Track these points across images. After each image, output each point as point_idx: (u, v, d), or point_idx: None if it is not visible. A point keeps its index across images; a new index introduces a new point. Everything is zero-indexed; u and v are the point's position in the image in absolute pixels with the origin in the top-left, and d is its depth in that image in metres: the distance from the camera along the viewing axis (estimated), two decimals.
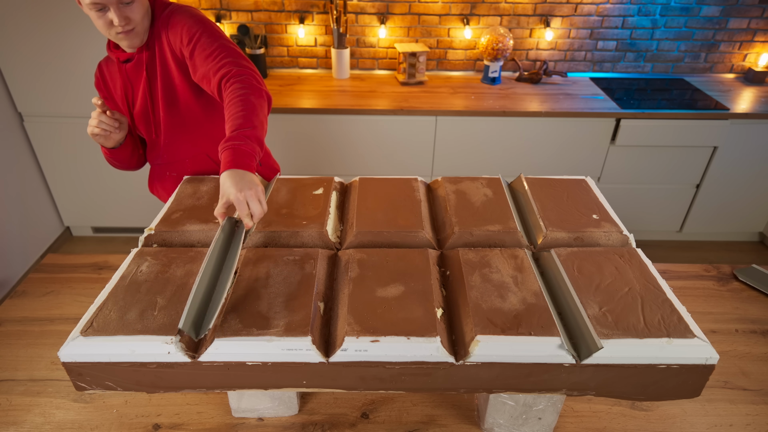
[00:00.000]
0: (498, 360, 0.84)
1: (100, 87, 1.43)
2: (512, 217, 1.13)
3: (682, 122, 2.45)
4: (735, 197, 2.72)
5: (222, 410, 1.07)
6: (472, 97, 2.59)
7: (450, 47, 2.84)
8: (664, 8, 2.72)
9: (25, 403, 1.08)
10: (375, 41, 2.81)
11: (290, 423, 1.05)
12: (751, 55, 2.87)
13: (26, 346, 1.21)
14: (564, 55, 2.87)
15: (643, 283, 0.96)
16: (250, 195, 0.98)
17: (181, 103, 1.37)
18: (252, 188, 0.99)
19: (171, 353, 0.83)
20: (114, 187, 2.69)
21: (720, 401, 1.10)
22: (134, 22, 1.23)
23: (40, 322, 1.27)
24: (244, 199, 0.97)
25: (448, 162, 2.61)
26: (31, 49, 2.30)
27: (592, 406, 1.09)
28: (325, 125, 2.49)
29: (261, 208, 0.99)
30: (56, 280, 1.40)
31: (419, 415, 1.07)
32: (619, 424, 1.05)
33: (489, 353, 0.84)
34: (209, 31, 1.27)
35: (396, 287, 0.94)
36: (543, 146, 2.56)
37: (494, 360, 0.84)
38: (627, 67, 2.91)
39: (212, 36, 1.26)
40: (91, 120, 1.27)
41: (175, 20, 1.29)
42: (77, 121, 2.48)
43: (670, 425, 1.05)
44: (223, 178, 1.00)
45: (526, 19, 2.75)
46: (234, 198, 0.97)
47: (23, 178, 2.54)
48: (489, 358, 0.84)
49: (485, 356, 0.84)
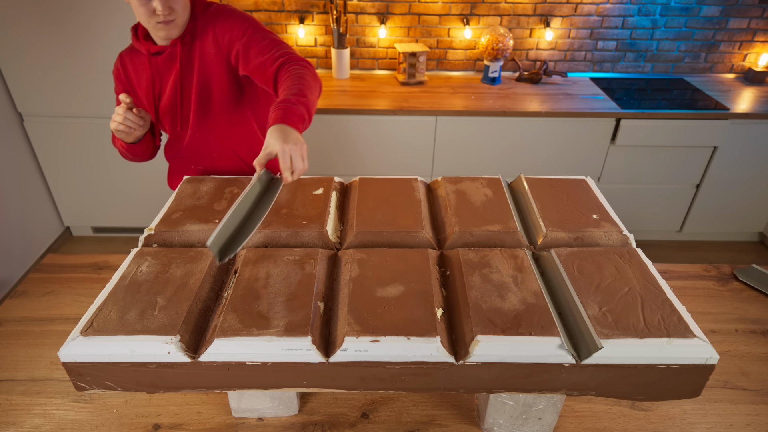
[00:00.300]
0: (498, 360, 0.84)
1: (120, 78, 1.43)
2: (512, 217, 1.13)
3: (682, 122, 2.45)
4: (735, 197, 2.72)
5: (222, 410, 1.07)
6: (472, 97, 2.59)
7: (450, 47, 2.84)
8: (664, 8, 2.72)
9: (25, 403, 1.08)
10: (375, 41, 2.81)
11: (290, 423, 1.05)
12: (751, 55, 2.87)
13: (26, 346, 1.21)
14: (564, 55, 2.87)
15: (643, 283, 0.96)
16: (295, 149, 1.02)
17: (215, 97, 1.39)
18: (297, 144, 1.03)
19: (171, 353, 0.83)
20: (114, 187, 2.69)
21: (720, 401, 1.10)
22: (176, 13, 1.26)
23: (40, 322, 1.27)
24: (288, 152, 1.01)
25: (448, 162, 2.61)
26: (31, 49, 2.30)
27: (592, 406, 1.09)
28: (325, 125, 2.49)
29: (303, 165, 1.02)
30: (56, 280, 1.40)
31: (419, 415, 1.07)
32: (619, 424, 1.05)
33: (489, 353, 0.84)
34: (260, 27, 1.34)
35: (396, 287, 0.94)
36: (543, 146, 2.56)
37: (494, 360, 0.84)
38: (627, 67, 2.91)
39: (264, 31, 1.33)
40: (116, 116, 1.27)
41: (225, 16, 1.34)
42: (77, 121, 2.48)
43: (670, 425, 1.05)
44: (271, 131, 1.04)
45: (526, 19, 2.75)
46: (279, 149, 1.00)
47: (23, 178, 2.54)
48: (489, 358, 0.84)
49: (485, 356, 0.84)
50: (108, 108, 2.44)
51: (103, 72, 2.35)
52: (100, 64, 2.33)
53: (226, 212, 0.92)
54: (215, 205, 1.17)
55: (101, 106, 2.44)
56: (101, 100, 2.42)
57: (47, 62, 2.33)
